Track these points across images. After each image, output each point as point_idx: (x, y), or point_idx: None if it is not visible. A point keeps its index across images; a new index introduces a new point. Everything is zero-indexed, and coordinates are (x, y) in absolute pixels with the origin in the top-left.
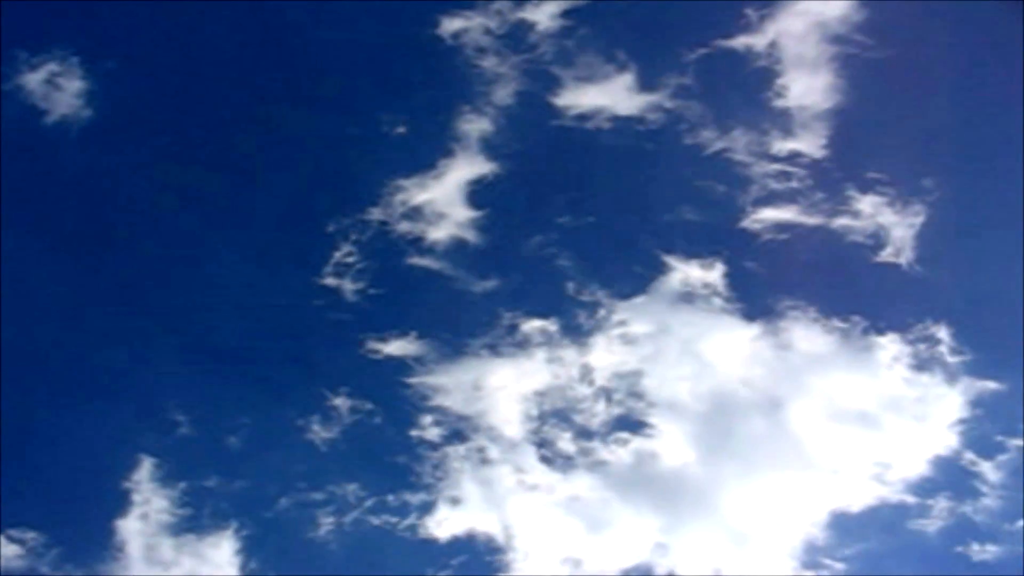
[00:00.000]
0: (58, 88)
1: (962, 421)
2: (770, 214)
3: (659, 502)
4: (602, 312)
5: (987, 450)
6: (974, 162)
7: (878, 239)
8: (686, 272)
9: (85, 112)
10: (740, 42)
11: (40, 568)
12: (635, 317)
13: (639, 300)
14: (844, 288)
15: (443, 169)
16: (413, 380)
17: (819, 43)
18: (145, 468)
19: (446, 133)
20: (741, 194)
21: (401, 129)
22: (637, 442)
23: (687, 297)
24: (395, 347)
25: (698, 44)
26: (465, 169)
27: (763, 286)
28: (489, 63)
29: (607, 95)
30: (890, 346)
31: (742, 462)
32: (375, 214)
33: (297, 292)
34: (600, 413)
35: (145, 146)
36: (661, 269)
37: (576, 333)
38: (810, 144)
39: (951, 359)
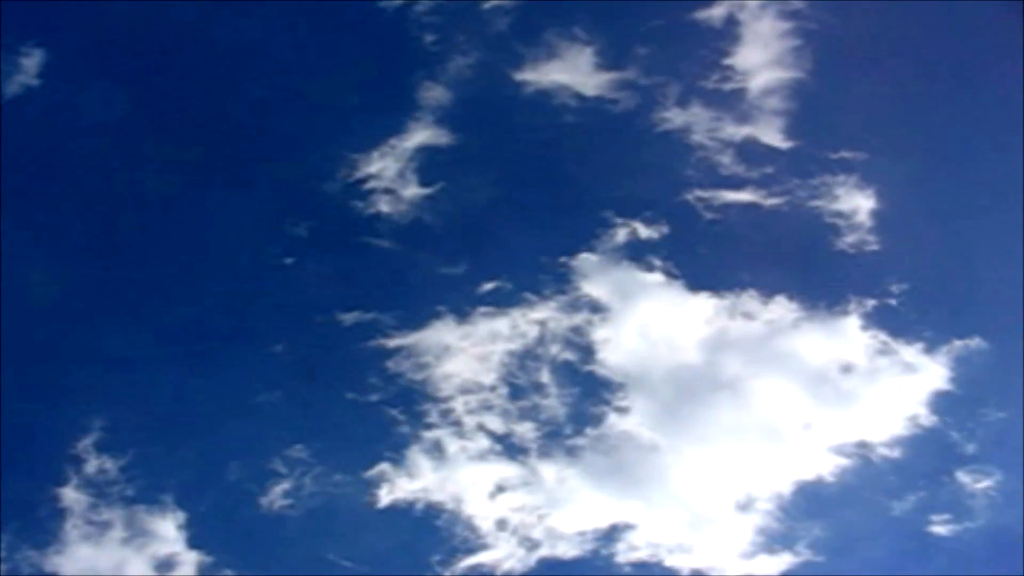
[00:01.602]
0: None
1: (933, 394)
2: (730, 188)
3: (619, 478)
4: (559, 281)
5: (958, 423)
6: (940, 139)
7: (841, 215)
8: (637, 233)
9: (38, 93)
10: (698, 16)
11: None
12: (593, 285)
13: (597, 268)
14: (810, 262)
15: (395, 143)
16: (366, 348)
17: (777, 18)
18: (92, 437)
19: (398, 108)
20: (701, 169)
21: (354, 104)
22: (596, 415)
23: (644, 265)
24: (349, 317)
25: (655, 18)
26: (419, 142)
27: (724, 259)
28: (441, 37)
29: (561, 71)
30: (855, 320)
31: (705, 436)
32: (327, 188)
33: (251, 264)
34: (558, 385)
35: (95, 124)
36: (617, 236)
37: (530, 301)
38: (768, 122)
39: (916, 333)
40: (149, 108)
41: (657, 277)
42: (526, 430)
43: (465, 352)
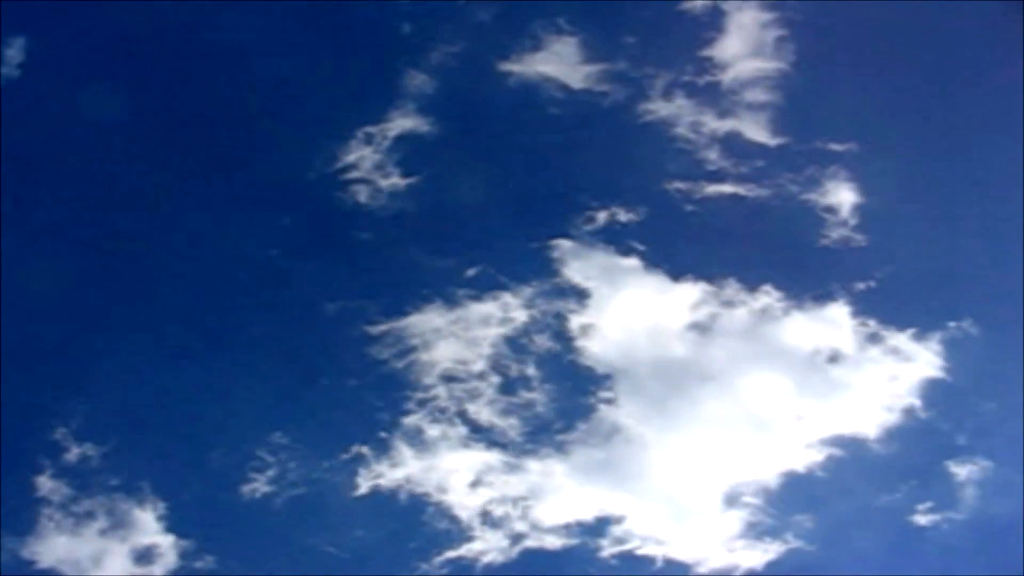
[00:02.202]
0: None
1: (924, 382)
2: (714, 179)
3: (605, 470)
4: (542, 269)
5: (949, 412)
6: (926, 131)
7: (827, 208)
8: (619, 221)
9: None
10: (683, 8)
11: None
12: (576, 273)
13: (579, 255)
14: (796, 253)
15: (377, 133)
16: (350, 336)
17: (762, 10)
18: (71, 425)
19: (381, 98)
20: (685, 161)
21: (337, 94)
22: (581, 406)
23: (625, 251)
24: (332, 306)
25: (640, 10)
26: (401, 132)
27: (709, 249)
28: (425, 27)
29: (546, 62)
30: (843, 308)
31: (692, 427)
32: (310, 178)
33: (233, 254)
34: (542, 375)
35: (76, 117)
36: (599, 224)
37: (513, 288)
38: (753, 114)
39: (906, 319)
40: (128, 101)
41: (640, 264)
42: (509, 420)
43: (448, 340)
